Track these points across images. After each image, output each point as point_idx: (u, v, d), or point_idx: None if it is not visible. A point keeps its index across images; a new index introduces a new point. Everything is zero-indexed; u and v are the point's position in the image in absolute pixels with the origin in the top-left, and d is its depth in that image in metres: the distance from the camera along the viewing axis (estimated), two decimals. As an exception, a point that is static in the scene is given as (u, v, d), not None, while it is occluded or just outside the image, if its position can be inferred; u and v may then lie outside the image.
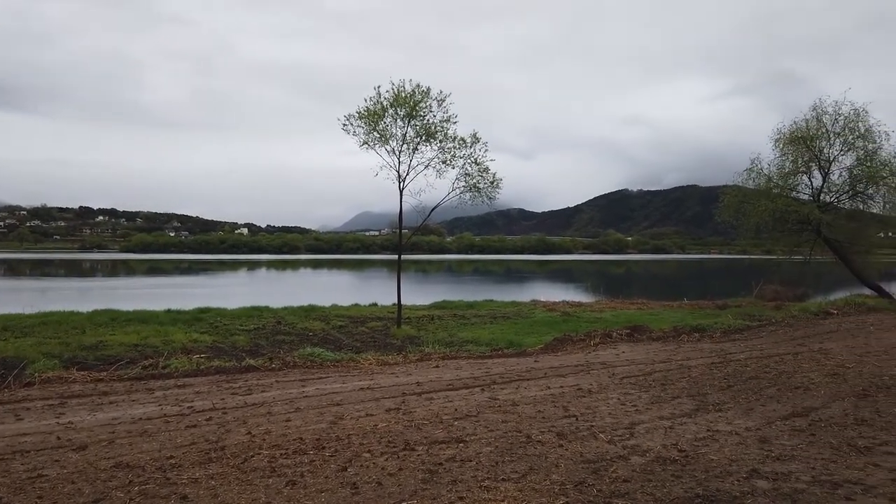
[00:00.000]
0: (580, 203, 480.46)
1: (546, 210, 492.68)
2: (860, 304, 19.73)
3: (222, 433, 5.99)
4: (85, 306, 19.52)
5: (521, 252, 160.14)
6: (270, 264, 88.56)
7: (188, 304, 20.19)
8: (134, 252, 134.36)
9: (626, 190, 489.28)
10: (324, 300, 23.12)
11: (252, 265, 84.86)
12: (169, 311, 18.37)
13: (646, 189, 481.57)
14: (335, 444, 5.60)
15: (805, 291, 26.64)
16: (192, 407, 7.08)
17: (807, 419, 6.53)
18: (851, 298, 21.76)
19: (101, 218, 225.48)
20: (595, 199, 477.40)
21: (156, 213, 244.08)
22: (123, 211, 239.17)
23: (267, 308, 19.85)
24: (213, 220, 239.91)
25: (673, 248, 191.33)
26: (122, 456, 5.31)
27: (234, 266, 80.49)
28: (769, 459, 5.22)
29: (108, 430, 6.10)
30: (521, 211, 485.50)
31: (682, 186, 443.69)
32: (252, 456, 5.28)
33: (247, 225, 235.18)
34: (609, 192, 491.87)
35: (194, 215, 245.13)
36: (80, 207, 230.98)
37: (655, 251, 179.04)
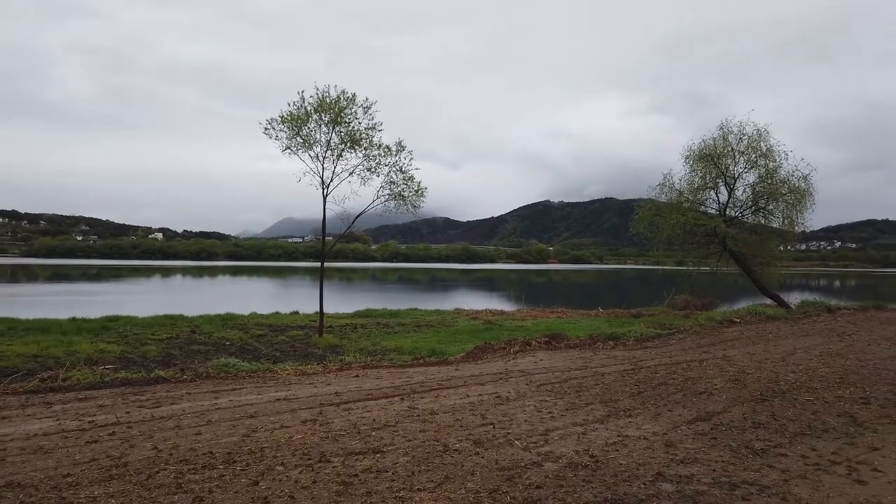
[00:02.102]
0: (504, 213, 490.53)
1: (471, 219, 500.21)
2: (761, 314, 20.80)
3: (126, 448, 5.69)
4: (-22, 314, 18.26)
5: (446, 261, 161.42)
6: (186, 271, 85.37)
7: (95, 312, 19.26)
8: (36, 257, 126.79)
9: (548, 201, 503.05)
10: (242, 308, 22.54)
11: (167, 272, 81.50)
12: (74, 319, 17.46)
13: (567, 200, 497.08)
14: (247, 458, 5.43)
15: (712, 301, 28.00)
16: (93, 421, 6.70)
17: (709, 423, 6.86)
18: (753, 308, 22.93)
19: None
20: (518, 209, 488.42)
21: (62, 215, 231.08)
22: (25, 213, 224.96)
23: (181, 316, 19.14)
24: (124, 224, 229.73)
25: (592, 258, 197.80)
26: (13, 475, 4.96)
27: (147, 272, 77.02)
28: (674, 463, 5.45)
29: (-2, 448, 5.70)
30: (447, 220, 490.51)
31: (601, 199, 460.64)
32: (157, 472, 5.05)
33: (161, 230, 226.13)
34: (532, 202, 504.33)
35: (104, 219, 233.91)
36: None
37: (575, 261, 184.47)
